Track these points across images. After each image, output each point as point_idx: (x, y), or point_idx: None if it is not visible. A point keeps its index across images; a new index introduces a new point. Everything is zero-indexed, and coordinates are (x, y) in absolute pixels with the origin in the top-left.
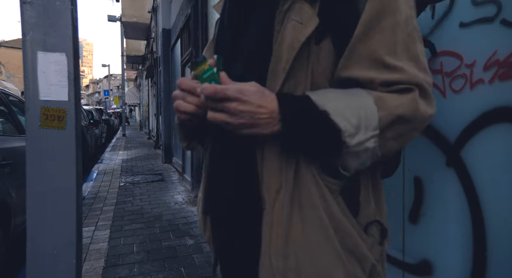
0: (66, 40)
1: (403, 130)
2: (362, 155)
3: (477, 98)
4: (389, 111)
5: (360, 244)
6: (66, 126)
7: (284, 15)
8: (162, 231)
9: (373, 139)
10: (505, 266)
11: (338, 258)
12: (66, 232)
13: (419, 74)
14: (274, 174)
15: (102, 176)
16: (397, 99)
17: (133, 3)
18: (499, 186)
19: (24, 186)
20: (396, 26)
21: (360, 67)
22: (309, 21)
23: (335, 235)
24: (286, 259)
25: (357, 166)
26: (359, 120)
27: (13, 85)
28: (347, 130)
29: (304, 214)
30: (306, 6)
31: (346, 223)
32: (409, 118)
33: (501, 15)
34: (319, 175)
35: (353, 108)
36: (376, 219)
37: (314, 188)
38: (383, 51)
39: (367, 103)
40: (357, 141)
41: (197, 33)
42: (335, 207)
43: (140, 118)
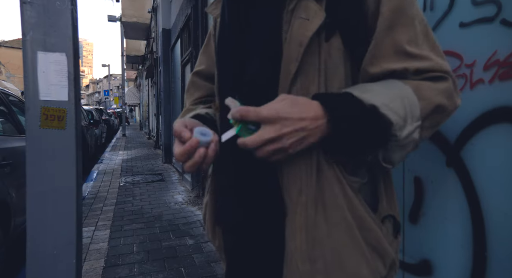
0: (66, 40)
1: (439, 119)
2: (409, 146)
3: (477, 98)
4: (429, 101)
5: (382, 240)
6: (66, 126)
7: (291, 15)
8: (162, 231)
9: (417, 129)
10: (505, 266)
11: (363, 255)
12: (66, 232)
13: (444, 63)
14: (294, 177)
15: (102, 176)
16: (434, 88)
17: (133, 3)
18: (499, 186)
19: (24, 186)
20: (415, 18)
21: (389, 60)
22: (315, 16)
23: (359, 234)
24: (314, 263)
25: (401, 158)
26: (405, 112)
27: (13, 85)
28: (398, 123)
29: (328, 215)
30: (311, 2)
31: (369, 220)
32: (446, 107)
33: (501, 15)
34: (342, 173)
35: (397, 100)
36: (390, 213)
37: (337, 188)
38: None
39: (407, 93)
40: (406, 133)
41: (197, 33)
42: (358, 205)
43: (140, 118)
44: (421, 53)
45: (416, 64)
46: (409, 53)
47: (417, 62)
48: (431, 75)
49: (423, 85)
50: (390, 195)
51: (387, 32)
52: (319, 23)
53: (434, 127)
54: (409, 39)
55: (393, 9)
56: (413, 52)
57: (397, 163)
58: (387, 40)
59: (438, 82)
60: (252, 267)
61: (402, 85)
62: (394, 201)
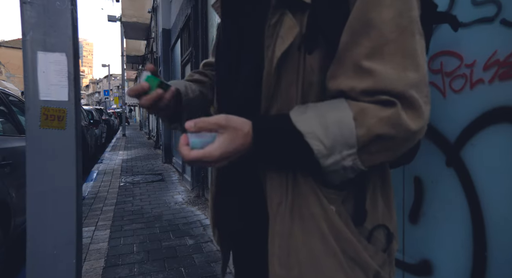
0: (66, 40)
1: (388, 145)
2: (340, 171)
3: (477, 98)
4: (367, 129)
5: (361, 252)
6: (66, 126)
7: (273, 30)
8: (162, 231)
9: (350, 157)
10: (505, 266)
11: (340, 266)
12: (66, 232)
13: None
14: (276, 189)
15: (102, 176)
16: (376, 115)
17: (133, 3)
18: (499, 185)
19: (24, 186)
20: (384, 27)
21: (345, 76)
22: (289, 33)
23: (336, 244)
24: (290, 269)
25: (340, 179)
26: (333, 141)
27: (13, 85)
28: (320, 152)
29: (304, 225)
30: (288, 17)
31: (347, 232)
32: (390, 136)
33: (501, 15)
34: (318, 186)
35: (329, 127)
36: (383, 223)
37: (313, 199)
38: (368, 56)
39: (345, 119)
40: (331, 161)
41: (197, 33)
42: (335, 217)
43: (140, 118)
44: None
45: (364, 84)
46: (365, 68)
47: (365, 82)
48: (380, 98)
49: (367, 110)
50: (387, 204)
51: (349, 44)
52: (290, 40)
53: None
54: (370, 52)
55: (357, 18)
56: (369, 67)
57: (336, 183)
58: (347, 52)
59: (384, 109)
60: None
61: (345, 108)
62: (390, 211)
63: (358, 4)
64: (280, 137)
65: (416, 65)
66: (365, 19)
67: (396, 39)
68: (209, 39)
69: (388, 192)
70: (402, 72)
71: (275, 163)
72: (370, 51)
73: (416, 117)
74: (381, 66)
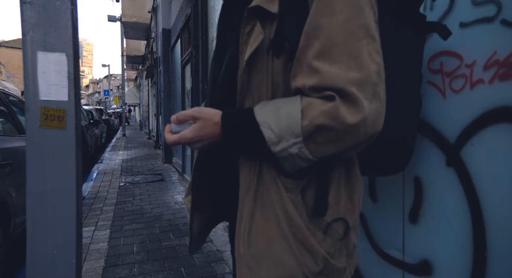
0: (66, 40)
1: (331, 136)
2: (289, 159)
3: (477, 98)
4: (310, 121)
5: (308, 238)
6: (66, 126)
7: (247, 38)
8: (162, 231)
9: (295, 145)
10: (505, 266)
11: (290, 248)
12: (66, 232)
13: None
14: (245, 177)
15: (102, 176)
16: (319, 108)
17: (133, 3)
18: (499, 185)
19: (24, 186)
20: (331, 30)
21: (300, 76)
22: (256, 39)
23: (288, 229)
24: (249, 247)
25: (291, 167)
26: (281, 130)
27: (13, 85)
28: (270, 139)
29: (264, 209)
30: (257, 27)
31: (298, 219)
32: (330, 127)
33: (501, 15)
34: (278, 175)
35: (280, 119)
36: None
37: (274, 187)
38: (317, 56)
39: (294, 111)
40: (279, 148)
41: (197, 33)
42: (289, 204)
43: (140, 118)
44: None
45: (311, 81)
46: (314, 67)
47: (312, 79)
48: (325, 94)
49: (313, 104)
50: (348, 198)
51: (303, 47)
52: (255, 45)
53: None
54: (318, 52)
55: (309, 24)
56: (316, 66)
57: (290, 171)
58: (302, 55)
59: (326, 102)
60: None
61: (296, 102)
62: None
63: (311, 11)
64: (242, 126)
65: (360, 66)
66: (316, 24)
67: (342, 42)
68: (209, 39)
69: (353, 186)
70: (346, 71)
71: (239, 150)
72: (319, 52)
73: (355, 112)
74: (327, 65)
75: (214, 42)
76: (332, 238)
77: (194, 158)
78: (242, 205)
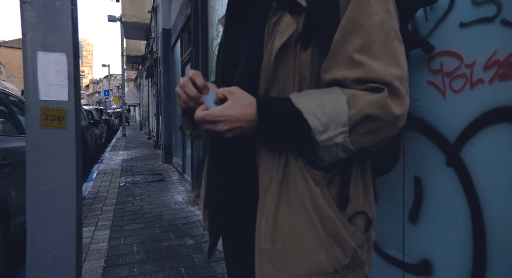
0: (66, 40)
1: (374, 127)
2: (333, 149)
3: (477, 98)
4: (358, 110)
5: (341, 230)
6: (66, 126)
7: (273, 28)
8: (162, 231)
9: (342, 135)
10: (505, 266)
11: (321, 241)
12: (66, 232)
13: (392, 71)
14: (267, 167)
15: (102, 176)
16: (366, 98)
17: (133, 3)
18: (499, 185)
19: (24, 186)
20: (371, 28)
21: (338, 68)
22: (287, 29)
23: (318, 221)
24: (274, 242)
25: (330, 158)
26: (328, 119)
27: (13, 85)
28: (316, 127)
29: (290, 202)
30: (287, 17)
31: (329, 211)
32: (377, 117)
33: (501, 15)
34: (305, 167)
35: (325, 107)
36: (363, 210)
37: (301, 179)
38: (358, 51)
39: (339, 101)
40: (325, 137)
41: (197, 33)
42: (319, 196)
43: (140, 118)
44: (366, 62)
45: (356, 73)
46: (357, 61)
47: (357, 72)
48: (369, 86)
49: (358, 95)
50: (367, 193)
51: (341, 40)
52: (288, 35)
53: (372, 135)
54: (359, 47)
55: (349, 19)
56: (360, 60)
57: (327, 162)
58: (340, 48)
59: (373, 94)
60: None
61: (339, 93)
62: (370, 198)
63: (350, 8)
64: (283, 113)
65: (398, 64)
66: (356, 21)
67: (380, 40)
68: (209, 39)
69: (368, 182)
70: (387, 67)
71: (275, 138)
72: (360, 47)
73: (400, 104)
74: (370, 60)
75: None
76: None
77: (194, 158)
78: (264, 198)
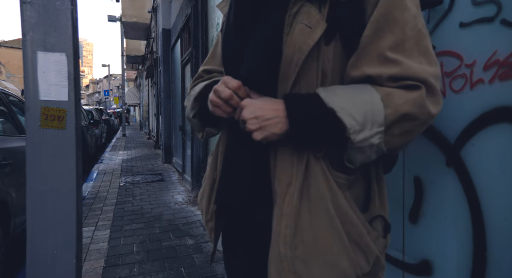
0: (66, 40)
1: (409, 127)
2: (367, 150)
3: (477, 98)
4: (395, 109)
5: (365, 236)
6: (66, 126)
7: (293, 18)
8: (162, 231)
9: (378, 135)
10: (505, 266)
11: (344, 248)
12: (66, 232)
13: (427, 69)
14: (286, 169)
15: (102, 176)
16: (403, 96)
17: (133, 3)
18: (499, 185)
19: (24, 186)
20: (405, 24)
21: (370, 65)
22: (318, 26)
23: (341, 226)
24: (294, 248)
25: (362, 160)
26: (365, 118)
27: (13, 85)
28: (352, 127)
29: (312, 206)
30: (313, 10)
31: (353, 215)
32: (415, 116)
33: (501, 15)
34: (328, 169)
35: (359, 105)
36: (380, 214)
37: (323, 181)
38: (391, 48)
39: (374, 100)
40: (362, 137)
41: (197, 33)
42: (342, 200)
43: (140, 118)
44: (402, 60)
45: (391, 71)
46: (389, 58)
47: (392, 69)
48: (404, 83)
49: (393, 93)
50: (382, 196)
51: (373, 36)
52: (320, 33)
53: (406, 135)
54: (393, 45)
55: (381, 15)
56: (394, 57)
57: (357, 164)
58: (372, 44)
59: (410, 91)
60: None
61: (372, 91)
62: (385, 202)
63: (382, 3)
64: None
65: (432, 62)
66: (389, 16)
67: (414, 37)
68: (209, 39)
69: (381, 185)
70: (422, 64)
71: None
72: (394, 44)
73: (436, 103)
74: (404, 57)
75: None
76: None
77: (194, 158)
78: (282, 202)
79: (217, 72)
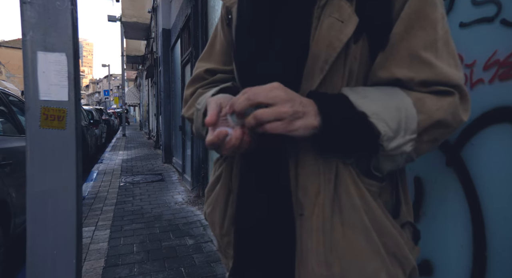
0: (66, 40)
1: (439, 134)
2: (398, 158)
3: (477, 98)
4: (428, 115)
5: (403, 247)
6: (66, 126)
7: (321, 11)
8: (162, 231)
9: (410, 142)
10: (505, 266)
11: (382, 262)
12: (66, 232)
13: (458, 74)
14: (312, 178)
15: (102, 176)
16: (436, 103)
17: (133, 3)
18: (499, 185)
19: (24, 186)
20: (437, 23)
21: (400, 66)
22: (350, 20)
23: (378, 239)
24: (330, 266)
25: (391, 168)
26: (398, 124)
27: (13, 85)
28: (386, 134)
29: (344, 217)
30: (344, 2)
31: (389, 225)
32: (447, 123)
33: (501, 15)
34: (359, 176)
35: (392, 111)
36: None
37: (354, 190)
38: (424, 49)
39: (406, 105)
40: (395, 145)
41: (197, 33)
42: (377, 209)
43: (140, 118)
44: (433, 62)
45: (424, 75)
46: (423, 59)
47: (425, 73)
48: (437, 89)
49: (425, 98)
50: (406, 199)
51: (404, 34)
52: (353, 28)
53: (433, 142)
54: (426, 44)
55: (413, 11)
56: (427, 59)
57: (385, 172)
58: (403, 43)
59: (443, 97)
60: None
61: (403, 96)
62: (410, 207)
63: None
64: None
65: (457, 64)
66: (422, 13)
67: (444, 37)
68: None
69: (405, 189)
70: (450, 68)
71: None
72: (426, 43)
73: (466, 109)
74: (435, 59)
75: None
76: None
77: (194, 158)
78: (311, 214)
79: (220, 72)
